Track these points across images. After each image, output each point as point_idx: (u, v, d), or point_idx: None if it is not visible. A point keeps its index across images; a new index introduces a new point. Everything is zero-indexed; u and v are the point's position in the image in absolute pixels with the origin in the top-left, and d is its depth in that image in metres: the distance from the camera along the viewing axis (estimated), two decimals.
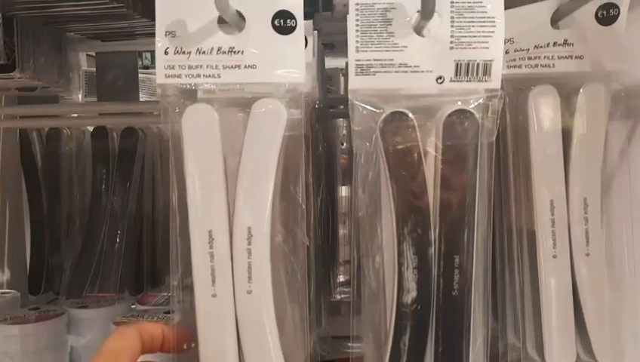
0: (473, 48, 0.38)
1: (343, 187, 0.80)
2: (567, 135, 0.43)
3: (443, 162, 0.38)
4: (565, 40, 0.43)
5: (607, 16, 0.43)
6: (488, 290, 0.41)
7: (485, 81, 0.38)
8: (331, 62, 0.80)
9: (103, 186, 0.72)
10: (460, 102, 0.38)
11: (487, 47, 0.38)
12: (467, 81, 0.38)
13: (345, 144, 0.81)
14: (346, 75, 0.81)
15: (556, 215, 0.42)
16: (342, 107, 0.69)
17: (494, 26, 0.38)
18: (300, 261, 0.41)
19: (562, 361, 0.43)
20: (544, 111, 0.42)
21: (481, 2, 0.38)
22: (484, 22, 0.38)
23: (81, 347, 0.58)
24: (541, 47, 0.43)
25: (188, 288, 0.41)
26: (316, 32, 0.49)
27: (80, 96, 0.74)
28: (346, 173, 0.79)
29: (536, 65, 0.43)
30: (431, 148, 0.39)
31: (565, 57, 0.43)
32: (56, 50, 0.61)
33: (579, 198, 0.43)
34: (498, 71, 0.38)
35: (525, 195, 0.44)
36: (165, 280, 0.74)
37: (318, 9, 0.52)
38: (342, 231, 0.80)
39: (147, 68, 1.05)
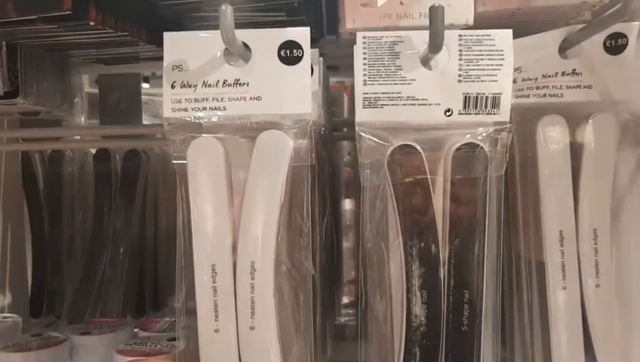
0: (482, 81, 0.38)
1: (347, 200, 0.80)
2: (576, 165, 0.43)
3: (452, 195, 0.38)
4: (574, 70, 0.43)
5: (615, 45, 0.43)
6: (498, 323, 0.40)
7: (494, 113, 0.38)
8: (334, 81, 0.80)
9: (105, 208, 0.71)
10: (468, 135, 0.38)
11: (496, 80, 0.38)
12: (475, 113, 0.38)
13: (348, 156, 0.81)
14: (350, 97, 0.81)
15: (565, 246, 0.42)
16: (346, 130, 0.69)
17: (503, 59, 0.38)
18: (306, 292, 0.41)
19: None
20: (553, 142, 0.42)
21: (489, 35, 0.38)
22: (492, 55, 0.38)
23: None
24: (549, 76, 0.43)
25: (192, 313, 0.41)
26: (322, 58, 0.49)
27: (82, 118, 0.74)
28: (349, 185, 0.79)
29: (544, 95, 0.43)
30: (439, 181, 0.38)
31: (574, 87, 0.43)
32: (59, 75, 0.61)
33: (588, 229, 0.42)
34: (507, 104, 0.38)
35: (534, 226, 0.44)
36: (167, 303, 0.74)
37: (323, 34, 0.52)
38: (345, 245, 0.80)
39: (147, 80, 1.03)
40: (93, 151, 0.73)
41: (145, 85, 0.88)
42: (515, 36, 0.40)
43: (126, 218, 0.70)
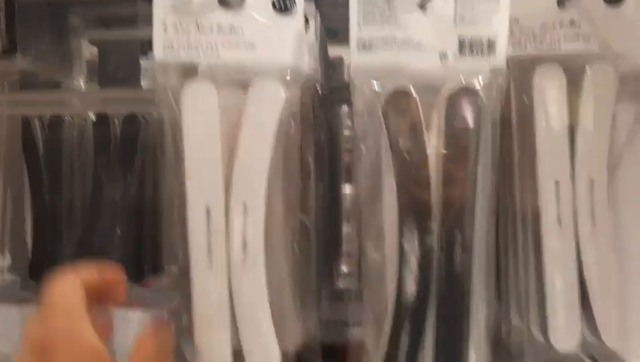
0: (477, 25, 0.37)
1: (347, 185, 0.80)
2: (573, 116, 0.42)
3: (446, 141, 0.38)
4: (572, 20, 0.43)
5: None
6: (491, 272, 0.40)
7: (490, 58, 0.38)
8: (334, 52, 0.80)
9: (105, 173, 0.71)
10: (463, 81, 0.38)
11: (491, 24, 0.38)
12: (471, 58, 0.37)
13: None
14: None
15: (561, 196, 0.42)
16: (345, 94, 0.69)
17: (498, 3, 0.38)
18: (298, 239, 0.41)
19: (567, 342, 0.42)
20: (550, 91, 0.42)
21: None
22: None
23: None
24: (547, 27, 0.43)
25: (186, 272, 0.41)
26: (318, 15, 0.49)
27: (82, 82, 0.74)
28: (349, 170, 0.78)
29: (541, 46, 0.43)
30: (434, 126, 0.38)
31: (572, 38, 0.43)
32: (58, 37, 0.61)
33: (585, 180, 0.42)
34: (502, 48, 0.38)
35: (530, 177, 0.43)
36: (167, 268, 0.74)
37: None
38: (346, 230, 0.80)
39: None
40: (93, 116, 0.72)
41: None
42: None
43: (125, 182, 0.70)
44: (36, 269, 0.72)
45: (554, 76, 0.42)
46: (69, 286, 0.30)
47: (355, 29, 0.38)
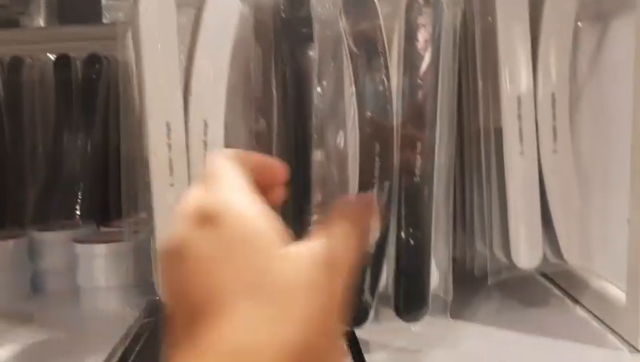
0: None
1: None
2: (536, 31, 0.42)
3: (406, 41, 0.37)
4: None
5: None
6: (451, 180, 0.39)
7: None
8: None
9: (66, 115, 0.69)
10: None
11: None
12: None
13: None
14: None
15: (523, 111, 0.41)
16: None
17: None
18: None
19: (528, 260, 0.42)
20: (512, 8, 0.41)
21: None
22: None
23: (43, 271, 0.56)
24: None
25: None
26: None
27: (41, 21, 0.72)
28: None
29: None
30: (396, 28, 0.37)
31: None
32: None
33: (546, 94, 0.42)
34: None
35: (493, 93, 0.43)
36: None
37: None
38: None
39: None
40: (54, 57, 0.71)
41: None
42: None
43: (86, 125, 0.69)
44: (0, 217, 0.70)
45: None
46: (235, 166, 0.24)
47: None
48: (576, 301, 0.47)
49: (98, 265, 0.51)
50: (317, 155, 0.41)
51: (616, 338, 0.39)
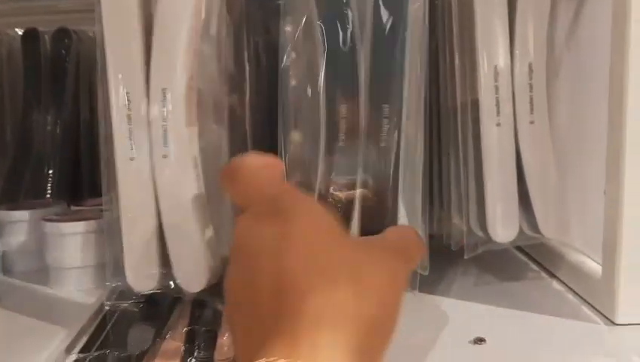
0: None
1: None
2: (513, 3, 0.41)
3: (374, 16, 0.36)
4: None
5: None
6: (421, 151, 0.39)
7: None
8: None
9: (35, 92, 0.67)
10: None
11: None
12: None
13: None
14: None
15: (500, 81, 0.41)
16: None
17: None
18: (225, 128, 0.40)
19: (505, 234, 0.42)
20: None
21: None
22: None
23: (13, 251, 0.55)
24: None
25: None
26: None
27: None
28: None
29: None
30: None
31: None
32: None
33: (523, 64, 0.41)
34: None
35: (470, 65, 0.42)
36: None
37: None
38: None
39: None
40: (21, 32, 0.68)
41: None
42: None
43: (56, 101, 0.67)
44: None
45: None
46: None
47: None
48: (552, 274, 0.47)
49: (67, 244, 0.50)
50: (294, 136, 0.40)
51: (593, 311, 0.39)
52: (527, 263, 0.50)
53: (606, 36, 0.37)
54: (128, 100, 0.37)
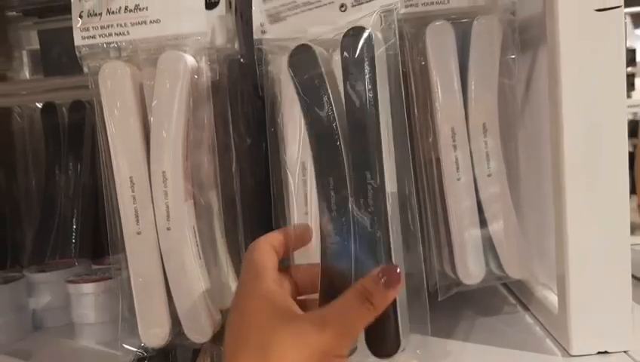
0: None
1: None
2: (464, 64, 0.46)
3: (344, 78, 0.39)
4: None
5: None
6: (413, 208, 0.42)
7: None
8: None
9: (56, 160, 0.74)
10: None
11: None
12: (367, 2, 0.40)
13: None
14: None
15: (457, 141, 0.45)
16: None
17: None
18: (214, 205, 0.45)
19: (472, 276, 0.46)
20: (440, 46, 0.45)
21: None
22: None
23: (42, 309, 0.61)
24: None
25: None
26: None
27: (27, 74, 0.76)
28: None
29: (431, 3, 0.46)
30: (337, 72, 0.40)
31: None
32: None
33: (478, 124, 0.46)
34: None
35: (431, 127, 0.47)
36: None
37: None
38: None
39: None
40: (41, 106, 0.75)
41: None
42: None
43: (76, 166, 0.73)
44: (0, 258, 0.75)
45: (443, 32, 0.45)
46: (262, 252, 0.38)
47: (260, 4, 0.40)
48: (526, 308, 0.51)
49: (88, 303, 0.56)
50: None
51: (553, 343, 0.43)
52: (506, 297, 0.55)
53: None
54: (132, 183, 0.42)
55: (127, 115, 0.42)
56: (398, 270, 0.35)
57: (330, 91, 0.40)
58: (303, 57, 0.40)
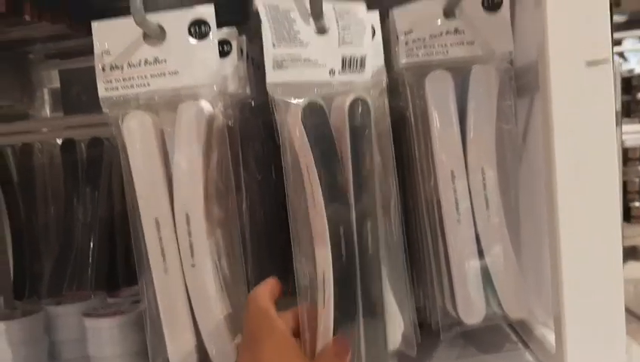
0: (353, 45, 0.43)
1: None
2: (462, 110, 0.48)
3: (351, 143, 0.42)
4: (456, 28, 0.48)
5: (492, 3, 0.48)
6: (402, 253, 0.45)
7: (361, 73, 0.44)
8: None
9: (74, 194, 0.77)
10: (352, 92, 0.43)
11: (362, 44, 0.44)
12: (350, 73, 0.44)
13: None
14: None
15: (457, 184, 0.47)
16: None
17: (365, 27, 0.44)
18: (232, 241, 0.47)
19: (472, 316, 0.48)
20: (439, 94, 0.48)
21: (349, 6, 0.44)
22: (357, 23, 0.44)
23: (59, 342, 0.63)
24: (435, 36, 0.48)
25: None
26: (244, 37, 0.54)
27: (47, 111, 0.80)
28: None
29: (431, 53, 0.48)
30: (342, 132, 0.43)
31: (457, 44, 0.48)
32: (17, 72, 0.67)
33: (477, 168, 0.48)
34: (369, 66, 0.45)
35: (432, 170, 0.49)
36: None
37: (245, 17, 0.57)
38: None
39: None
40: (60, 142, 0.78)
41: None
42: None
43: (93, 201, 0.76)
44: (19, 289, 0.78)
45: (443, 80, 0.47)
46: (263, 295, 0.43)
47: (270, 49, 0.42)
48: (527, 346, 0.52)
49: (104, 337, 0.58)
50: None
51: None
52: (509, 334, 0.56)
53: None
54: (158, 224, 0.45)
55: (151, 162, 0.45)
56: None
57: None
58: (314, 113, 0.43)
